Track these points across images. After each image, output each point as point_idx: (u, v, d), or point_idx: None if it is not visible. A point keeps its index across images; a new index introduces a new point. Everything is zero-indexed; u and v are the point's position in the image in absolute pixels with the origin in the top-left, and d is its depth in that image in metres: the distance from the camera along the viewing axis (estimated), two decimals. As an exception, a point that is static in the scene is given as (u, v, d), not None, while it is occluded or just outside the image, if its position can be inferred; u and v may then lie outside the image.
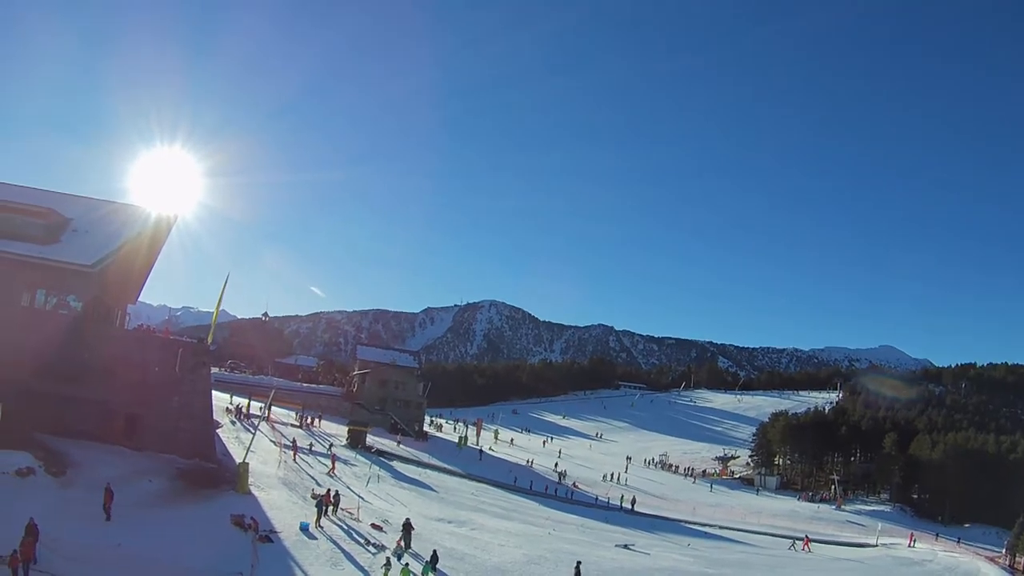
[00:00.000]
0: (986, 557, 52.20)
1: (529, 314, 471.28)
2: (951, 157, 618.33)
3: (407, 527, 27.10)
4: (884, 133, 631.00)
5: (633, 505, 57.09)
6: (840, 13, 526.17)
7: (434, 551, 25.50)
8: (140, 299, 42.90)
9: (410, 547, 26.26)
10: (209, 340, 35.84)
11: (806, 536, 54.23)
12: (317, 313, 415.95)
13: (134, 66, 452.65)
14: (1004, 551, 54.37)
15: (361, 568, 23.74)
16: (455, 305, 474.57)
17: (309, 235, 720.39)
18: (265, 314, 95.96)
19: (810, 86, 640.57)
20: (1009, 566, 49.94)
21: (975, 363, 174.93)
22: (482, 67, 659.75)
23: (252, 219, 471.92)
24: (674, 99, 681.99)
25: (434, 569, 24.19)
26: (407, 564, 24.08)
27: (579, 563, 27.52)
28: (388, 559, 24.03)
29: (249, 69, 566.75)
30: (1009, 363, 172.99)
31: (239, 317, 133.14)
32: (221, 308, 36.96)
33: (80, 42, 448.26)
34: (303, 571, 22.39)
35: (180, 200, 38.64)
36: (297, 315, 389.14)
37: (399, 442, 60.24)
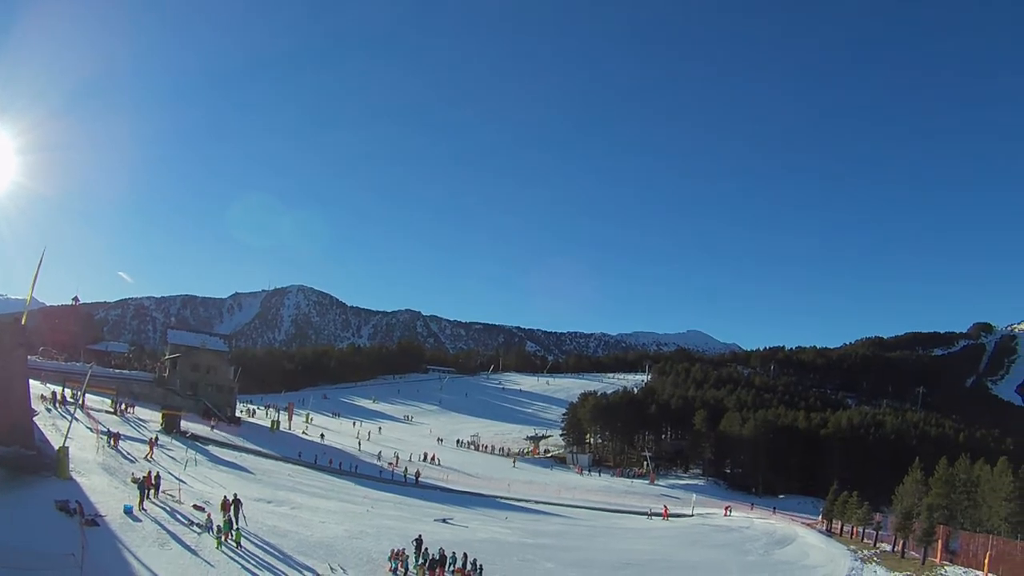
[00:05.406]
0: (802, 523, 54.27)
1: (336, 299, 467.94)
2: (764, 157, 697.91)
3: (236, 503, 27.93)
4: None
5: (417, 478, 59.65)
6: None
7: (230, 516, 26.99)
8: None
9: (239, 521, 27.28)
10: (23, 322, 33.65)
11: (665, 507, 58.91)
12: (126, 299, 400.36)
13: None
14: (820, 517, 55.51)
15: (187, 547, 24.39)
16: (263, 290, 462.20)
17: (118, 216, 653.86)
18: (76, 298, 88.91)
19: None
20: (826, 530, 51.49)
21: (783, 346, 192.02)
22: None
23: (63, 199, 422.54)
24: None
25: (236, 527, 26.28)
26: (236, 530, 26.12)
27: (420, 536, 28.33)
28: (219, 531, 25.73)
29: (61, 42, 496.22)
30: (818, 347, 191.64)
31: (48, 304, 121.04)
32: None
33: None
34: (131, 552, 22.75)
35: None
36: (106, 301, 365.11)
37: (213, 427, 60.71)
